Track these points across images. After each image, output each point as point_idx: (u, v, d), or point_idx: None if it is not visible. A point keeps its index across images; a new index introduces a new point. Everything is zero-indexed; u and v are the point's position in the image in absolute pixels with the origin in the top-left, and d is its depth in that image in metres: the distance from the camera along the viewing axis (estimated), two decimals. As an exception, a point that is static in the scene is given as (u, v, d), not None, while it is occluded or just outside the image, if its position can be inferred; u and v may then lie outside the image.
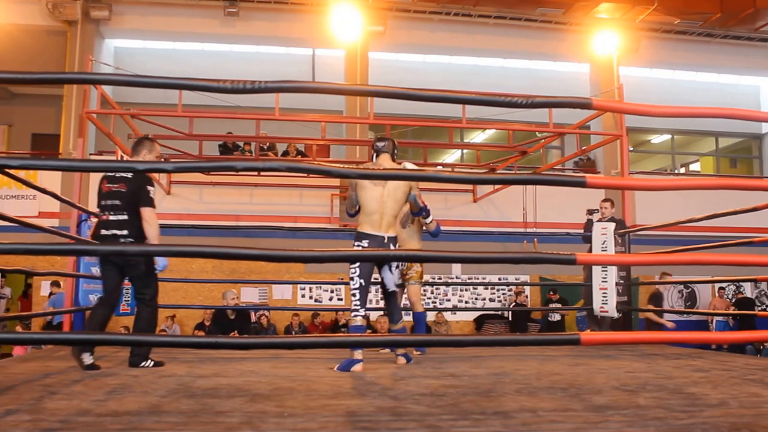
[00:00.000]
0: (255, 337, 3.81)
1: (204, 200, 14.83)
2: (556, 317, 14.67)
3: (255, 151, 14.34)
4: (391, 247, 5.70)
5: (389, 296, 5.97)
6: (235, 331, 9.71)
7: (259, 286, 14.83)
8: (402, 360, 5.89)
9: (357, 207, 5.82)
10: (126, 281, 5.51)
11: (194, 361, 5.70)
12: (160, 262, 5.57)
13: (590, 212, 9.47)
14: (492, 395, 3.91)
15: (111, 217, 5.34)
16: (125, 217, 5.32)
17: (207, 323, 12.50)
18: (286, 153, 15.17)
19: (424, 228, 7.03)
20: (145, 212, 5.31)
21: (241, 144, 15.28)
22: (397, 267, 5.99)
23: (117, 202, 5.35)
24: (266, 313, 13.82)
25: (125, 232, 5.31)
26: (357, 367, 5.29)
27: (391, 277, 5.87)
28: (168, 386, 4.18)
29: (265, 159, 3.32)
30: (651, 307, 9.69)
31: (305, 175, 12.39)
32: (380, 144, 5.97)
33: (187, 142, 13.27)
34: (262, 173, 13.47)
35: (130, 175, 5.36)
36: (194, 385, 4.23)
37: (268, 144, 15.03)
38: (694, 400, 3.76)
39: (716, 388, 4.20)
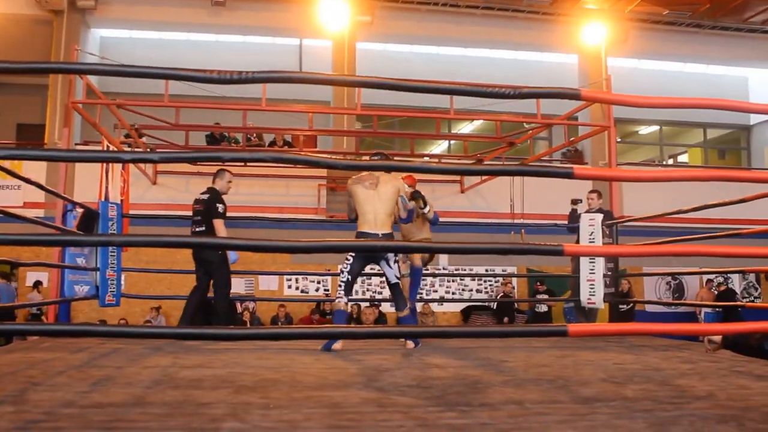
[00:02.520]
0: (241, 328, 3.80)
1: (190, 190, 14.73)
2: (544, 308, 14.72)
3: (242, 141, 14.29)
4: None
5: (392, 287, 6.42)
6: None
7: (246, 277, 14.80)
8: (410, 344, 6.39)
9: (355, 213, 6.55)
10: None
11: (179, 352, 5.68)
12: (231, 255, 7.32)
13: (574, 202, 9.45)
14: (479, 387, 3.92)
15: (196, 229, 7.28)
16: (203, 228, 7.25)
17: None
18: (272, 143, 15.12)
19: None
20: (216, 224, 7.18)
21: (227, 134, 15.23)
22: (396, 261, 6.40)
23: (198, 218, 7.31)
24: (249, 307, 13.78)
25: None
26: (337, 345, 6.05)
27: (391, 271, 6.34)
28: (152, 377, 4.17)
29: (252, 149, 3.30)
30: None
31: (292, 165, 12.37)
32: (377, 158, 6.62)
33: (174, 133, 13.22)
34: (248, 164, 13.42)
35: (206, 196, 7.36)
36: (179, 376, 4.22)
37: (255, 135, 14.98)
38: (681, 391, 3.78)
39: (704, 379, 4.22)
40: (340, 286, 6.31)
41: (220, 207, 7.25)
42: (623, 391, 3.78)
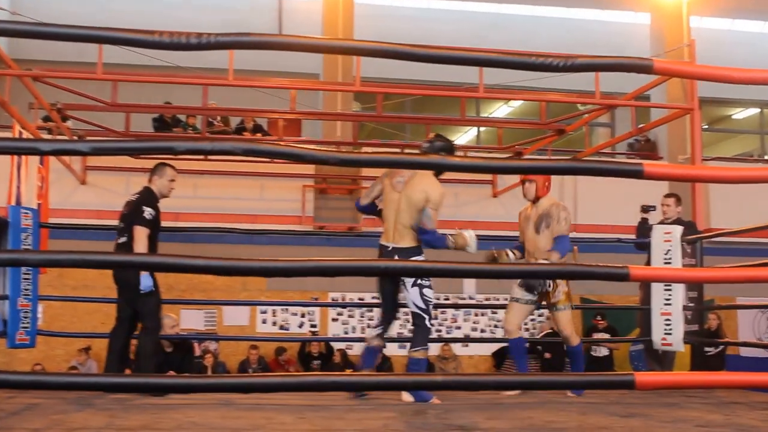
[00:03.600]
0: (200, 377, 3.80)
1: (131, 192, 14.76)
2: (603, 351, 14.67)
3: (202, 127, 14.30)
4: (396, 258, 6.47)
5: (413, 318, 6.66)
6: (173, 369, 9.70)
7: (205, 308, 14.81)
8: (408, 397, 6.46)
9: (371, 199, 6.92)
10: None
11: (116, 409, 5.68)
12: (143, 280, 7.16)
13: (645, 210, 9.45)
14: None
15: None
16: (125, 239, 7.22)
17: (133, 357, 12.45)
18: (241, 130, 15.15)
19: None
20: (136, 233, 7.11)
21: (183, 118, 15.24)
22: (415, 284, 6.54)
23: (122, 225, 7.23)
24: (212, 348, 13.77)
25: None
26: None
27: (409, 296, 6.57)
28: (81, 442, 4.17)
29: (215, 138, 3.32)
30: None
31: (268, 160, 12.34)
32: (426, 146, 6.82)
33: (110, 115, 13.23)
34: (210, 157, 13.44)
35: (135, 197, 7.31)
36: (117, 441, 4.22)
37: (219, 118, 15.00)
38: (786, 463, 3.78)
39: (816, 448, 4.21)
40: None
41: (147, 212, 7.36)
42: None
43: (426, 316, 6.57)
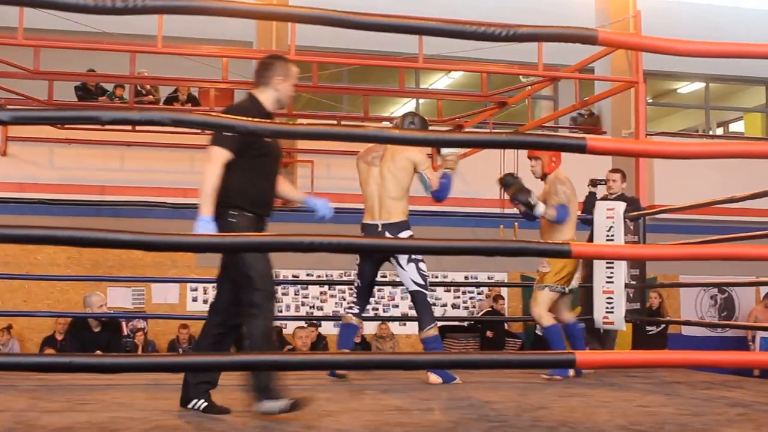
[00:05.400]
0: (126, 356, 3.78)
1: (55, 165, 14.60)
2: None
3: (129, 96, 14.14)
4: (387, 235, 6.60)
5: (412, 297, 6.80)
6: (100, 349, 9.63)
7: (133, 286, 14.69)
8: (435, 377, 6.45)
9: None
10: None
11: (40, 390, 5.63)
12: None
13: (594, 183, 9.49)
14: (454, 437, 3.94)
15: None
16: None
17: (59, 337, 12.33)
18: (173, 100, 15.01)
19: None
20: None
21: (109, 88, 15.05)
22: (411, 260, 6.59)
23: None
24: (142, 326, 13.68)
25: None
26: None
27: (406, 274, 6.62)
28: (2, 425, 4.13)
29: (143, 108, 3.29)
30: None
31: (198, 131, 12.25)
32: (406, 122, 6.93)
33: (32, 83, 13.03)
34: (137, 128, 13.30)
35: None
36: (39, 424, 4.18)
37: (148, 87, 14.83)
38: (727, 444, 3.84)
39: (759, 429, 4.29)
40: (352, 294, 7.11)
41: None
42: (650, 442, 3.84)
43: (426, 292, 6.66)
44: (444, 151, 6.91)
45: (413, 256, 6.58)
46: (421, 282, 6.61)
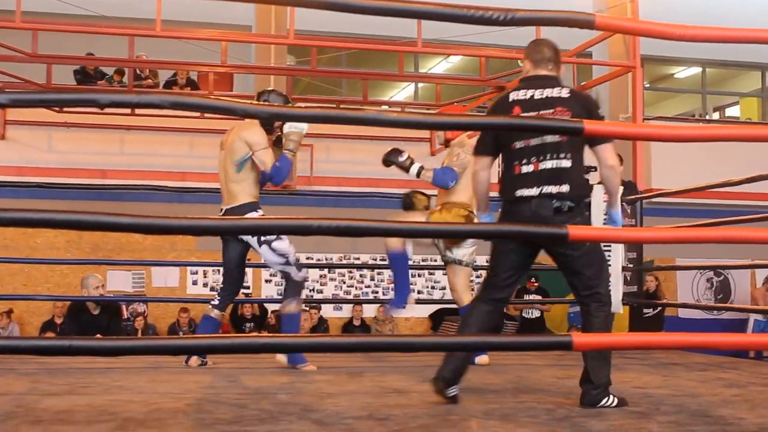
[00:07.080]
0: (126, 339, 3.78)
1: (54, 149, 14.57)
2: (535, 313, 14.75)
3: (128, 80, 14.12)
4: None
5: (282, 276, 6.64)
6: (100, 332, 9.64)
7: (133, 269, 14.70)
8: (281, 358, 6.32)
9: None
10: None
11: (40, 373, 5.64)
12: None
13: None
14: (452, 418, 3.95)
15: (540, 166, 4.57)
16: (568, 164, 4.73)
17: (59, 320, 12.35)
18: (172, 84, 14.98)
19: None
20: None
21: (108, 72, 15.02)
22: (261, 243, 6.23)
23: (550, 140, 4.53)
24: (142, 310, 13.69)
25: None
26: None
27: (269, 254, 6.30)
28: (2, 409, 4.13)
29: (142, 91, 3.28)
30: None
31: (198, 114, 12.23)
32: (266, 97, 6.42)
33: (30, 66, 13.00)
34: (137, 111, 13.28)
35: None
36: (40, 407, 4.19)
37: (147, 71, 14.80)
38: (724, 425, 3.85)
39: (754, 409, 4.30)
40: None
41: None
42: (647, 425, 3.85)
43: (291, 270, 6.41)
44: (286, 127, 6.36)
45: (262, 238, 6.22)
46: (281, 260, 6.34)
